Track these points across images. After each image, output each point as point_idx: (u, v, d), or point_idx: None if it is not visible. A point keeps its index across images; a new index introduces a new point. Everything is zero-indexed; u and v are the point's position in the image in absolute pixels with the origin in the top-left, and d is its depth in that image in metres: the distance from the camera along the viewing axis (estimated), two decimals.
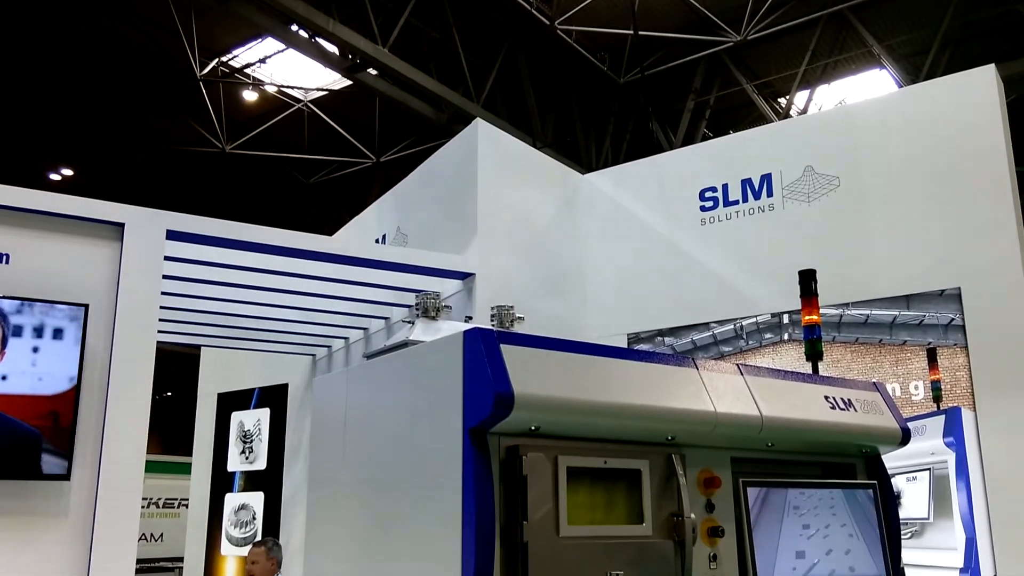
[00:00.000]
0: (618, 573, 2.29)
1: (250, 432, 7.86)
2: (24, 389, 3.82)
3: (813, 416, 2.80)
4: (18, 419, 3.78)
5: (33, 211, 4.07)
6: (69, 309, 3.95)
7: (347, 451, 2.74)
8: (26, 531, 3.80)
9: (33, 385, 3.85)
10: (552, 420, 2.24)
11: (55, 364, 3.90)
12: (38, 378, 3.86)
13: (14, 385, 3.80)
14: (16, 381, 3.81)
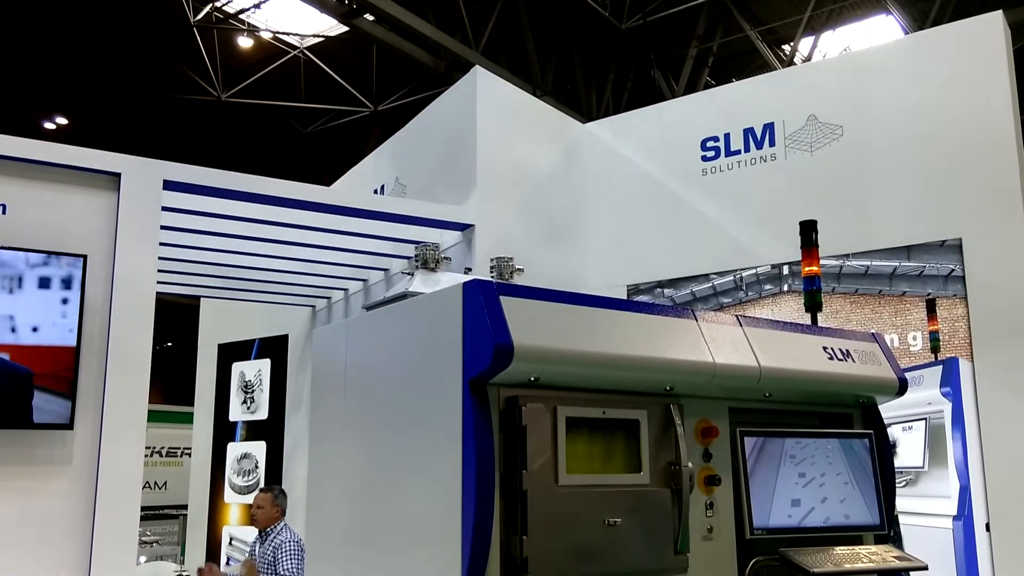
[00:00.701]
0: (616, 520, 2.32)
1: (251, 382, 7.92)
2: (24, 340, 3.84)
3: (811, 367, 2.81)
4: (19, 365, 3.80)
5: (29, 161, 4.04)
6: (68, 260, 3.94)
7: (348, 402, 2.76)
8: (31, 479, 3.85)
9: (31, 336, 3.86)
10: (551, 371, 2.25)
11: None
12: (32, 328, 3.87)
13: (15, 336, 3.81)
14: (17, 332, 3.82)
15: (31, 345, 3.85)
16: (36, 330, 3.87)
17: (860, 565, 2.71)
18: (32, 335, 3.86)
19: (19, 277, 3.86)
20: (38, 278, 3.92)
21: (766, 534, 2.65)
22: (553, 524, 2.21)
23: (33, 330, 3.87)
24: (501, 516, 2.17)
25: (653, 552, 2.39)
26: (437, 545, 2.18)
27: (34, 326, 3.87)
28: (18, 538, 3.76)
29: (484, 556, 2.09)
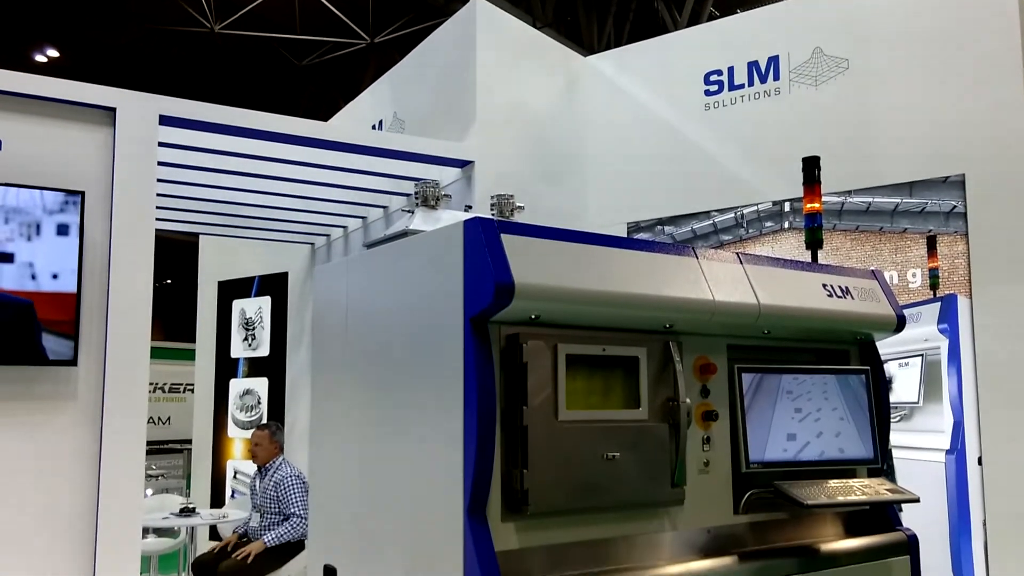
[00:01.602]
0: (614, 454, 2.36)
1: (252, 320, 7.96)
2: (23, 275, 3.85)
3: (810, 304, 2.82)
4: (18, 296, 3.81)
5: (22, 95, 3.98)
6: (65, 196, 3.92)
7: (349, 340, 2.77)
8: (37, 414, 3.90)
9: (31, 271, 3.86)
10: (552, 309, 2.26)
11: (54, 251, 3.90)
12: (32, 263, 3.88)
13: (16, 275, 3.81)
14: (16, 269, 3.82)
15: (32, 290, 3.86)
16: (35, 277, 3.88)
17: (853, 497, 2.76)
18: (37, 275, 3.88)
19: (37, 224, 3.86)
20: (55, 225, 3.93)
21: (761, 468, 2.70)
22: (553, 458, 2.25)
23: (32, 277, 3.88)
24: (502, 451, 2.20)
25: (650, 485, 2.44)
26: (439, 479, 2.22)
27: (34, 272, 3.88)
28: (28, 471, 3.83)
29: (485, 489, 2.13)
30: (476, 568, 2.06)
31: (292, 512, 5.60)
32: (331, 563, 2.75)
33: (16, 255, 3.80)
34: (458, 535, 2.12)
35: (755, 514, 2.72)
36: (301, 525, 5.54)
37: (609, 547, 2.38)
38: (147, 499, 7.27)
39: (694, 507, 2.56)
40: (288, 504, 5.65)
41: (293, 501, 5.63)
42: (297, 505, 5.61)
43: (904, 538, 3.00)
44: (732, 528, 2.66)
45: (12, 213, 3.82)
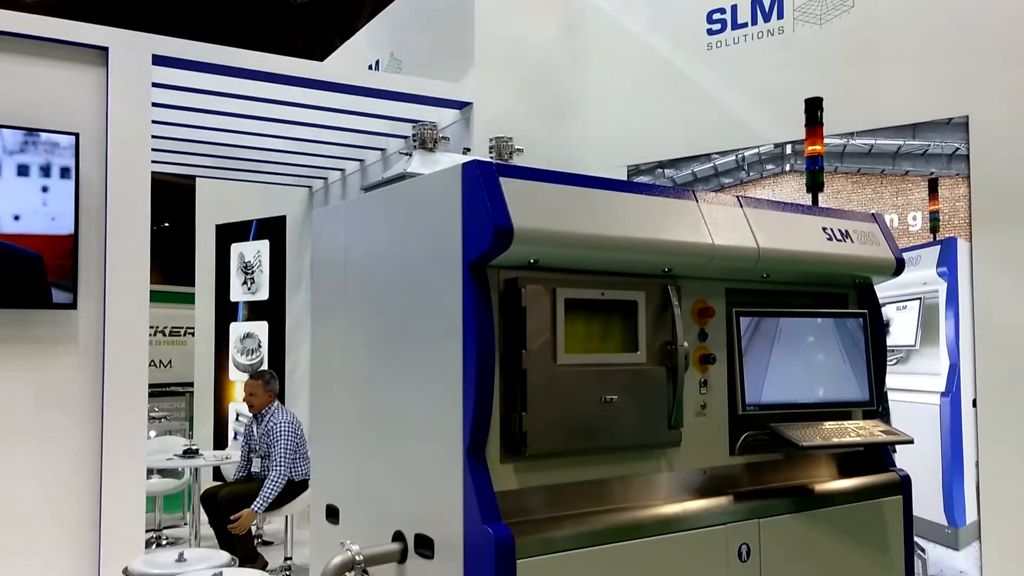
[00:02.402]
0: (612, 397, 2.38)
1: (250, 263, 7.95)
2: (22, 218, 3.83)
3: (809, 247, 2.81)
4: (21, 247, 3.80)
5: (12, 34, 3.91)
6: (59, 138, 3.88)
7: (348, 284, 2.77)
8: (38, 357, 3.92)
9: (29, 216, 3.85)
10: (551, 253, 2.25)
11: (50, 195, 3.88)
12: (33, 210, 3.85)
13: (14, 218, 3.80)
14: (14, 213, 3.80)
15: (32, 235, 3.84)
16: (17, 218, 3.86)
17: (847, 439, 2.80)
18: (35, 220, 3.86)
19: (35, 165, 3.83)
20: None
21: (758, 410, 2.72)
22: (551, 401, 2.27)
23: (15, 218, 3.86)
24: (501, 394, 2.22)
25: (647, 427, 2.46)
26: (439, 422, 2.24)
27: (15, 214, 3.86)
28: (34, 414, 3.88)
29: (484, 432, 2.15)
30: (476, 507, 2.09)
31: (273, 463, 5.68)
32: (333, 503, 2.80)
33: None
34: (458, 476, 2.15)
35: (751, 455, 2.76)
36: (280, 478, 5.62)
37: (606, 487, 2.41)
38: (150, 441, 7.36)
39: (690, 449, 2.59)
40: (272, 452, 5.73)
41: (276, 450, 5.70)
42: (279, 455, 5.68)
43: (897, 479, 3.05)
44: (728, 469, 2.70)
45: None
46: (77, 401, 3.96)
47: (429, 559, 2.27)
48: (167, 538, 7.22)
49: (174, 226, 15.99)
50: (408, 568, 2.36)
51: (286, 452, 5.67)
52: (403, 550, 2.38)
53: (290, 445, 5.71)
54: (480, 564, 2.08)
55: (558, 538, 2.19)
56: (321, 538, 2.85)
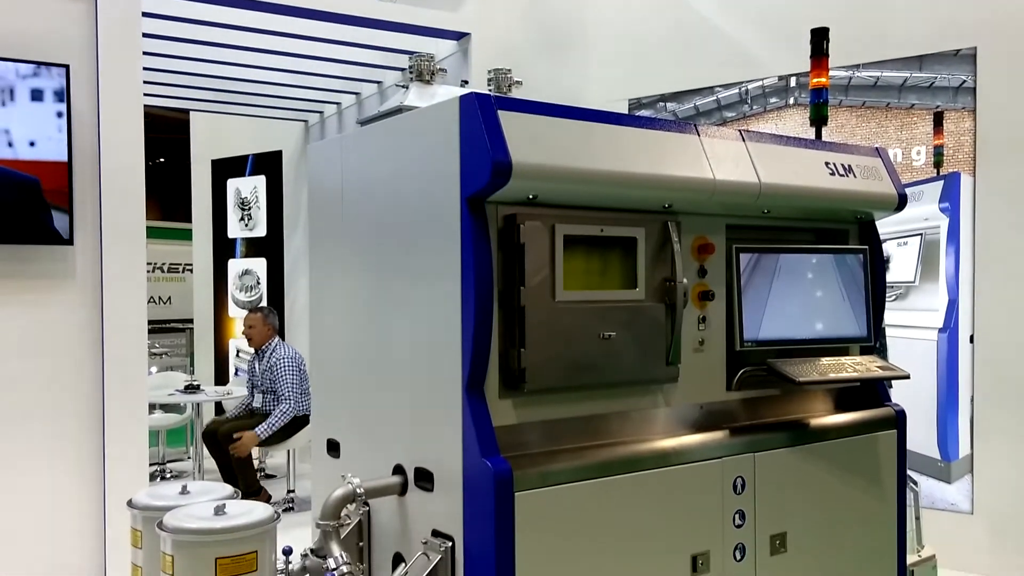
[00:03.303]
0: (610, 334, 2.38)
1: (247, 199, 7.90)
2: (15, 155, 3.78)
3: (812, 183, 2.78)
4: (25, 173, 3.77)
5: None
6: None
7: (346, 221, 2.75)
8: (35, 293, 3.92)
9: (25, 150, 3.80)
10: (550, 189, 2.22)
11: (44, 128, 3.82)
12: (29, 143, 3.80)
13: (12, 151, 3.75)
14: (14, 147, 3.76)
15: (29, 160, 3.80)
16: (33, 144, 3.82)
17: (844, 374, 2.81)
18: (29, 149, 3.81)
19: (11, 89, 3.75)
20: (30, 90, 3.81)
21: (755, 346, 2.73)
22: (550, 338, 2.27)
23: (31, 144, 3.81)
24: (500, 330, 2.22)
25: (645, 363, 2.47)
26: (438, 358, 2.25)
27: (31, 140, 3.81)
28: (34, 350, 3.89)
29: (483, 368, 2.15)
30: (475, 442, 2.11)
31: (282, 396, 5.72)
32: (334, 437, 2.83)
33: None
34: (457, 411, 2.16)
35: (747, 391, 2.78)
36: (290, 410, 5.67)
37: (604, 422, 2.44)
38: (152, 376, 7.43)
39: (688, 384, 2.60)
40: (280, 387, 5.77)
41: (284, 384, 5.74)
42: (287, 389, 5.72)
43: (892, 413, 3.08)
44: (724, 404, 2.72)
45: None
46: (77, 337, 3.97)
47: (429, 492, 2.30)
48: (171, 471, 7.34)
49: (169, 162, 15.83)
50: (408, 500, 2.40)
51: (293, 385, 5.71)
52: (403, 483, 2.41)
53: (296, 379, 5.74)
54: (479, 496, 2.11)
55: (556, 471, 2.22)
56: (322, 471, 2.89)
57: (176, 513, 1.98)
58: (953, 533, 4.31)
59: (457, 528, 2.18)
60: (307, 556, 2.36)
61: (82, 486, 3.98)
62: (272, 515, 2.00)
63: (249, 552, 1.91)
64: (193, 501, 2.14)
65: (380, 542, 2.55)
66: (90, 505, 3.98)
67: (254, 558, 1.91)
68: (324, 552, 2.29)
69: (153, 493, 2.23)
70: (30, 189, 3.76)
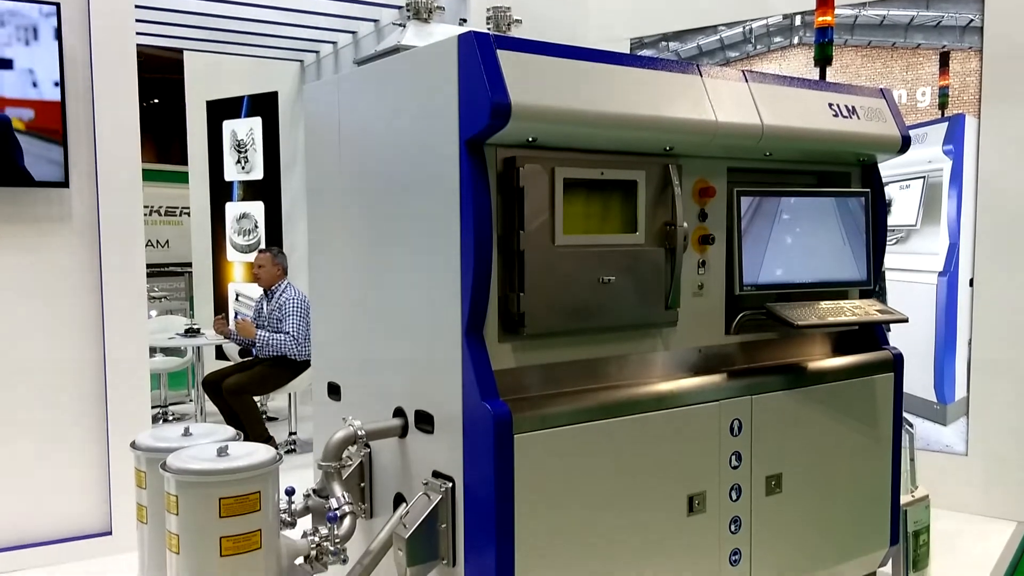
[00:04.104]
0: (610, 278, 2.38)
1: (244, 142, 7.81)
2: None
3: (814, 124, 2.75)
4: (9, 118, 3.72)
5: None
6: (40, 7, 3.72)
7: (343, 162, 2.72)
8: (32, 236, 3.90)
9: (49, 90, 3.77)
10: (550, 131, 2.20)
11: (36, 69, 3.76)
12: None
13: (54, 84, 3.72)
14: None
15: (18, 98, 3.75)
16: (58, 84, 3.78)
17: (843, 318, 2.82)
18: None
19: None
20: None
21: (755, 290, 2.73)
22: (549, 282, 2.27)
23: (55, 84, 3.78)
24: (499, 275, 2.22)
25: (645, 308, 2.47)
26: (438, 302, 2.25)
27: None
28: (33, 294, 3.88)
29: (483, 312, 2.16)
30: (474, 385, 2.13)
31: (286, 331, 5.74)
32: (335, 380, 2.85)
33: None
34: (457, 355, 2.17)
35: (746, 335, 2.79)
36: (290, 342, 5.69)
37: (603, 366, 2.45)
38: (152, 320, 7.45)
39: (686, 329, 2.61)
40: (284, 325, 5.78)
41: (289, 321, 5.76)
42: (292, 325, 5.74)
43: (889, 357, 3.09)
44: (723, 348, 2.73)
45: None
46: (76, 281, 3.96)
47: (429, 434, 2.33)
48: (173, 414, 7.41)
49: (164, 103, 15.62)
50: (409, 442, 2.43)
51: (298, 326, 5.72)
52: (404, 425, 2.43)
53: (302, 321, 5.75)
54: (479, 439, 2.13)
55: (555, 414, 2.24)
56: (324, 414, 2.92)
57: (179, 454, 2.00)
58: (947, 474, 4.37)
59: (457, 469, 2.21)
60: (309, 496, 2.40)
61: (86, 429, 4.02)
62: (274, 456, 2.02)
63: (252, 492, 1.94)
64: (195, 443, 2.16)
65: (381, 482, 2.58)
66: (95, 447, 4.03)
67: (257, 498, 1.94)
68: (326, 492, 2.33)
69: (156, 435, 2.25)
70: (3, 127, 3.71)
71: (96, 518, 4.04)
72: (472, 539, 2.17)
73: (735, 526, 2.64)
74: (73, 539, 3.96)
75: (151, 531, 2.15)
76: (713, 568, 2.59)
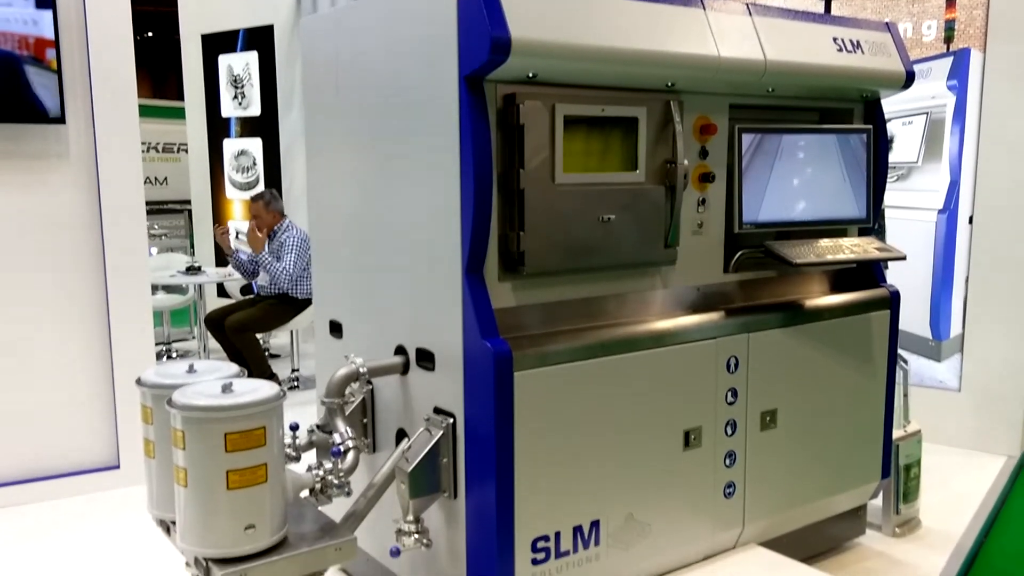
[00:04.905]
0: (610, 217, 2.38)
1: (240, 77, 7.70)
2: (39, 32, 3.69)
3: (819, 60, 2.72)
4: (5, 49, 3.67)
5: None
6: None
7: (341, 100, 2.69)
8: (30, 174, 3.88)
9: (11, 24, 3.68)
10: (550, 66, 2.17)
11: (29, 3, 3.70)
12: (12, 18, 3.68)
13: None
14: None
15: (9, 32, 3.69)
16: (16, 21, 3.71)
17: (841, 256, 2.83)
18: None
19: None
20: None
21: (754, 228, 2.73)
22: (549, 221, 2.27)
23: None
24: (499, 213, 2.22)
25: (644, 246, 2.48)
26: (438, 241, 2.25)
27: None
28: (33, 233, 3.89)
29: (482, 251, 2.16)
30: (475, 323, 2.15)
31: (283, 263, 5.77)
32: (336, 319, 2.87)
33: None
34: (457, 293, 2.19)
35: (745, 273, 2.80)
36: (283, 275, 5.72)
37: (602, 304, 2.47)
38: (153, 258, 7.46)
39: (685, 267, 2.62)
40: (283, 256, 5.81)
41: (287, 257, 5.78)
42: (288, 259, 5.76)
43: (886, 294, 3.11)
44: (721, 286, 2.75)
45: None
46: (75, 219, 3.96)
47: (430, 371, 2.36)
48: (176, 351, 7.48)
49: (158, 36, 15.34)
50: (410, 379, 2.46)
51: (296, 260, 5.74)
52: (405, 363, 2.46)
53: (301, 256, 5.77)
54: (479, 377, 2.16)
55: (554, 352, 2.26)
56: (326, 352, 2.95)
57: (185, 391, 2.03)
58: (940, 410, 4.44)
59: (458, 406, 2.25)
60: (313, 432, 2.44)
61: (91, 367, 4.06)
62: (278, 393, 2.05)
63: (257, 428, 1.97)
64: (200, 380, 2.19)
65: (383, 418, 2.63)
66: (100, 384, 4.08)
67: (262, 433, 1.98)
68: (330, 428, 2.37)
69: (161, 372, 2.28)
70: (17, 76, 3.67)
71: (104, 452, 4.12)
72: (473, 473, 2.23)
73: (730, 460, 2.70)
74: (82, 472, 4.05)
75: (158, 465, 2.19)
76: (708, 501, 2.65)
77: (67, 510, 3.81)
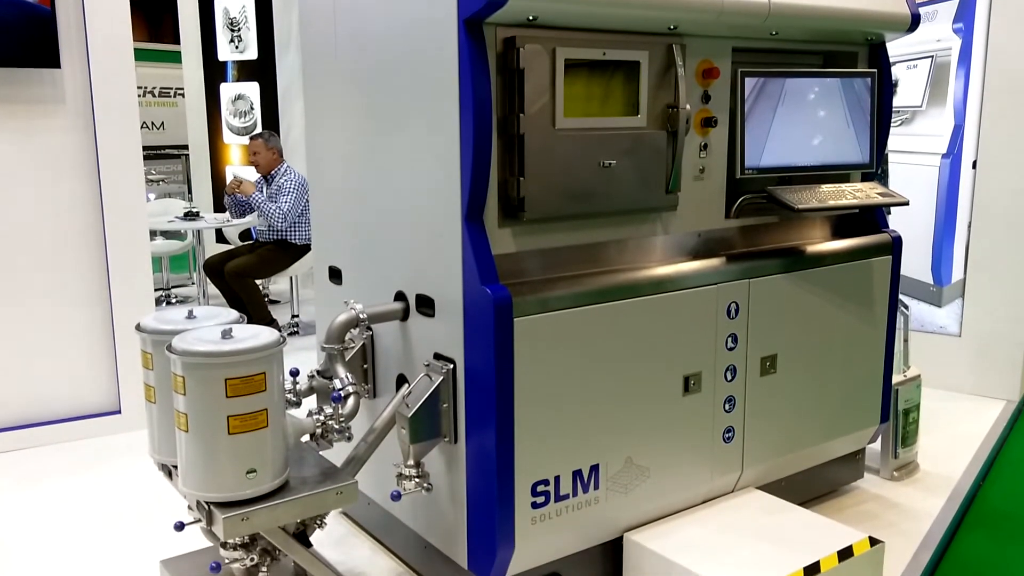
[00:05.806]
0: (611, 162, 2.36)
1: (236, 19, 7.57)
2: None
3: (822, 2, 2.66)
4: None
5: None
6: None
7: (339, 44, 2.65)
8: (26, 119, 3.84)
9: None
10: (551, 9, 2.13)
11: None
12: None
13: None
14: None
15: None
16: None
17: (844, 201, 2.81)
18: None
19: None
20: None
21: (756, 174, 2.71)
22: (549, 166, 2.25)
23: None
24: (499, 159, 2.20)
25: (645, 192, 2.46)
26: (437, 187, 2.24)
27: None
28: (29, 177, 3.86)
29: (482, 196, 2.15)
30: (474, 269, 2.14)
31: (277, 203, 5.74)
32: (336, 265, 2.87)
33: None
34: (457, 239, 2.18)
35: (746, 218, 2.79)
36: (278, 216, 5.71)
37: (602, 250, 2.46)
38: (151, 203, 7.42)
39: (687, 212, 2.61)
40: (280, 200, 5.78)
41: (284, 199, 5.76)
42: (284, 200, 5.73)
43: (888, 239, 3.10)
44: (723, 232, 2.74)
45: None
46: (73, 164, 3.93)
47: (430, 317, 2.36)
48: (176, 296, 7.49)
49: None
50: (410, 325, 2.47)
51: (292, 203, 5.72)
52: (405, 309, 2.47)
53: (298, 198, 5.74)
54: (479, 323, 2.17)
55: (554, 298, 2.26)
56: (325, 298, 2.95)
57: (184, 337, 2.04)
58: (940, 355, 4.46)
59: (458, 352, 2.26)
60: (314, 377, 2.46)
61: (91, 313, 4.08)
62: (278, 339, 2.05)
63: (257, 373, 1.98)
64: (200, 325, 2.19)
65: (384, 364, 2.64)
66: (100, 330, 4.10)
67: (263, 378, 1.99)
68: (330, 374, 2.39)
69: (160, 318, 2.28)
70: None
71: (105, 397, 4.16)
72: (473, 418, 2.25)
73: (729, 405, 2.72)
74: (84, 417, 4.09)
75: (159, 411, 2.21)
76: (707, 445, 2.68)
77: (69, 455, 3.87)
